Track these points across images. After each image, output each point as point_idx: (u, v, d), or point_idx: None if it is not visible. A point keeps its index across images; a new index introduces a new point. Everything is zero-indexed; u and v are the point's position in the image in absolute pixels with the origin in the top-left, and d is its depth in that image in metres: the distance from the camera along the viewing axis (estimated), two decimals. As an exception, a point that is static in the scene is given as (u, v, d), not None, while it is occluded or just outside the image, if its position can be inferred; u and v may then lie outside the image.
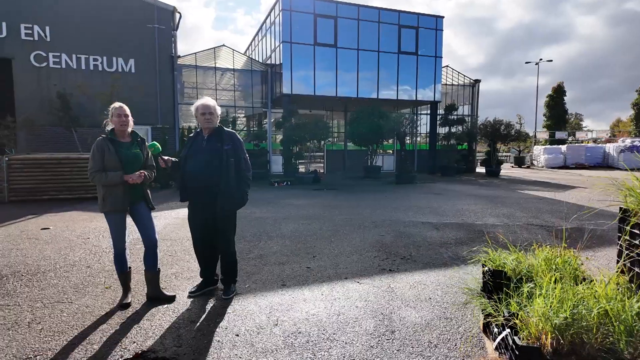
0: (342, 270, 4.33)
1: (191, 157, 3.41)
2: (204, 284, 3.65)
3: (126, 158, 3.25)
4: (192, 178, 3.39)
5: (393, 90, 17.85)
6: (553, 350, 1.74)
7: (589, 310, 1.76)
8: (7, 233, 6.00)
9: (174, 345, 2.69)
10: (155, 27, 15.26)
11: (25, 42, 13.94)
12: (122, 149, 3.27)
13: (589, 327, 1.75)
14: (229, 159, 3.34)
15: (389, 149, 21.74)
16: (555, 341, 1.75)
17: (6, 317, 3.08)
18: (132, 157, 3.30)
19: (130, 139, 3.39)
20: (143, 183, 3.34)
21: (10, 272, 4.16)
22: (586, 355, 1.71)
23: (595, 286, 1.94)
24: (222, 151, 3.34)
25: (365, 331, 2.90)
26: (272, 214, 7.63)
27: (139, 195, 3.36)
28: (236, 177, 3.39)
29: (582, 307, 1.79)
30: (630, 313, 1.73)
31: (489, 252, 2.90)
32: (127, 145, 3.34)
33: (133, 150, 3.34)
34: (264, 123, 18.41)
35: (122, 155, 3.23)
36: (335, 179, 16.11)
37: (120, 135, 3.33)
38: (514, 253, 2.71)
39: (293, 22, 15.58)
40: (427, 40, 17.97)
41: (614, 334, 1.72)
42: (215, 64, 16.70)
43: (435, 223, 6.94)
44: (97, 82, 14.15)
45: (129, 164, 3.25)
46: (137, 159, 3.34)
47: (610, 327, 1.74)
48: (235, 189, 3.39)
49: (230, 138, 3.44)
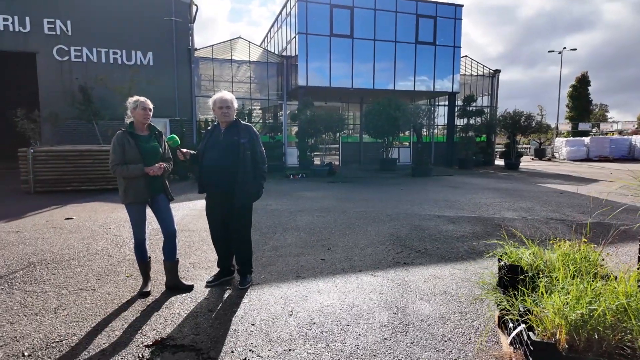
0: (357, 262, 4.35)
1: (209, 150, 3.46)
2: (221, 274, 3.72)
3: (145, 151, 3.31)
4: (209, 171, 3.43)
5: (410, 81, 17.59)
6: (569, 347, 1.72)
7: (607, 306, 1.73)
8: (33, 222, 6.23)
9: (191, 333, 2.77)
10: (172, 20, 15.39)
11: (48, 37, 14.27)
12: (141, 143, 3.33)
13: (607, 323, 1.72)
14: (245, 152, 3.39)
15: (405, 141, 21.50)
16: (570, 337, 1.73)
17: (34, 303, 3.23)
18: (151, 150, 3.36)
19: (148, 132, 3.46)
20: (162, 175, 3.41)
21: (37, 260, 4.34)
22: (603, 352, 1.68)
23: (614, 283, 1.90)
24: (239, 144, 3.38)
25: (379, 323, 2.92)
26: (287, 206, 7.69)
27: (158, 187, 3.42)
28: (252, 170, 3.45)
29: (600, 303, 1.76)
30: (650, 310, 1.69)
31: (505, 247, 2.86)
32: (146, 139, 3.40)
33: (151, 143, 3.40)
34: (279, 115, 18.45)
35: (142, 148, 3.30)
36: (351, 171, 16.07)
37: (140, 129, 3.39)
38: (532, 247, 2.67)
39: (309, 13, 15.47)
40: (445, 29, 17.59)
41: (633, 331, 1.69)
42: (231, 56, 16.77)
43: (452, 216, 6.87)
44: (116, 75, 14.40)
45: (148, 157, 3.31)
46: (156, 151, 3.40)
47: (629, 324, 1.71)
48: (252, 181, 3.45)
49: (247, 131, 3.48)
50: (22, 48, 14.17)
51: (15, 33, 13.98)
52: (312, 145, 15.12)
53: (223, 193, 3.45)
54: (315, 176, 13.68)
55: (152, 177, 3.33)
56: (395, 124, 15.24)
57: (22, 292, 3.46)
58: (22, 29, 14.02)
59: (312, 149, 15.22)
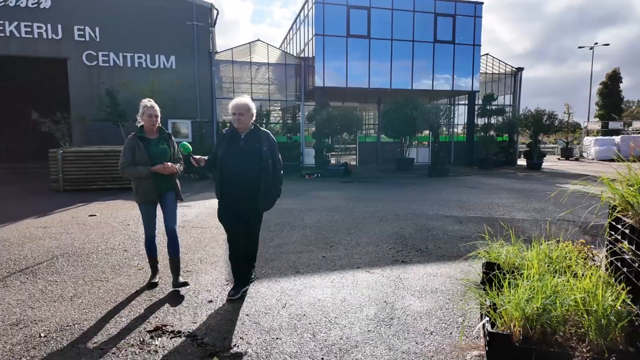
0: (356, 260, 4.49)
1: (229, 157, 3.35)
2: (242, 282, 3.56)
3: (154, 153, 3.49)
4: (231, 178, 3.34)
5: (428, 80, 17.47)
6: (523, 339, 1.82)
7: (560, 301, 1.81)
8: (60, 219, 6.68)
9: (190, 321, 2.99)
10: (194, 25, 15.89)
11: (78, 43, 15.05)
12: (150, 146, 3.52)
13: (559, 318, 1.80)
14: (267, 160, 3.34)
15: (424, 141, 21.34)
16: (526, 330, 1.82)
17: (53, 291, 3.54)
18: (160, 152, 3.54)
19: (157, 135, 3.63)
20: (172, 175, 3.57)
21: (60, 253, 4.70)
22: (557, 344, 1.77)
23: (576, 280, 1.97)
24: (262, 152, 3.32)
25: (365, 317, 3.06)
26: (298, 205, 7.89)
27: (168, 185, 3.59)
28: (272, 177, 3.42)
29: (554, 298, 1.84)
30: (601, 306, 1.76)
31: (491, 246, 2.95)
32: (155, 142, 3.58)
33: (160, 146, 3.58)
34: (297, 116, 18.71)
35: (151, 151, 3.49)
36: (367, 171, 16.13)
37: (149, 132, 3.58)
38: (515, 245, 2.75)
39: (326, 15, 15.64)
40: (465, 28, 17.36)
41: (584, 325, 1.76)
42: (250, 58, 17.15)
43: (460, 217, 6.88)
44: (141, 78, 15.01)
45: (157, 159, 3.49)
46: (165, 153, 3.57)
47: (582, 319, 1.78)
48: (273, 189, 3.45)
49: (267, 138, 3.42)
50: (55, 54, 15.01)
51: (49, 40, 14.83)
52: (328, 145, 15.28)
53: (243, 200, 3.36)
54: (330, 176, 13.84)
55: (162, 177, 3.50)
56: (412, 123, 15.20)
57: (44, 281, 3.80)
58: (54, 36, 14.85)
59: (329, 149, 15.38)
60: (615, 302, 1.76)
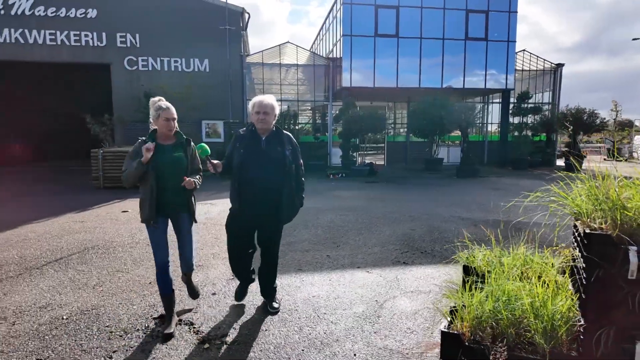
0: (358, 260, 4.64)
1: (249, 162, 3.00)
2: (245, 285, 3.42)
3: (164, 163, 2.88)
4: (252, 185, 3.01)
5: (459, 79, 17.11)
6: (474, 339, 1.92)
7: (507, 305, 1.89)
8: (96, 214, 7.30)
9: (192, 311, 3.29)
10: (226, 29, 16.51)
11: (120, 49, 16.10)
12: (162, 153, 2.90)
13: (509, 320, 1.88)
14: (291, 166, 3.08)
15: (456, 140, 20.89)
16: (476, 330, 1.92)
17: (80, 280, 3.98)
18: (171, 161, 2.92)
19: (174, 140, 3.02)
20: (187, 191, 2.94)
21: (91, 246, 5.20)
22: (504, 346, 1.86)
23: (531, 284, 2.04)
24: (285, 157, 3.04)
25: (353, 314, 3.23)
26: (316, 205, 8.10)
27: (181, 203, 2.98)
28: (296, 183, 3.16)
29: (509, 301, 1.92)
30: (549, 310, 1.82)
31: (475, 250, 3.01)
32: (169, 148, 2.96)
33: (175, 153, 2.96)
34: (325, 116, 18.94)
35: (162, 159, 2.88)
36: (394, 171, 16.07)
37: (164, 138, 2.98)
38: (495, 250, 2.81)
39: (354, 15, 15.72)
40: (498, 23, 16.82)
41: (531, 328, 1.84)
42: (280, 60, 17.56)
43: (477, 220, 6.82)
44: (176, 81, 15.84)
45: (169, 168, 2.89)
46: (179, 163, 2.94)
47: (530, 322, 1.86)
48: (297, 198, 3.20)
49: (289, 142, 3.15)
50: (100, 60, 16.15)
51: (94, 47, 15.97)
52: (354, 145, 15.38)
53: (264, 210, 3.06)
54: (355, 176, 13.94)
55: (171, 191, 2.91)
56: (439, 123, 14.98)
57: (74, 270, 4.26)
58: (99, 43, 15.97)
59: (355, 149, 15.48)
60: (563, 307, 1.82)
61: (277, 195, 3.04)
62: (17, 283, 3.87)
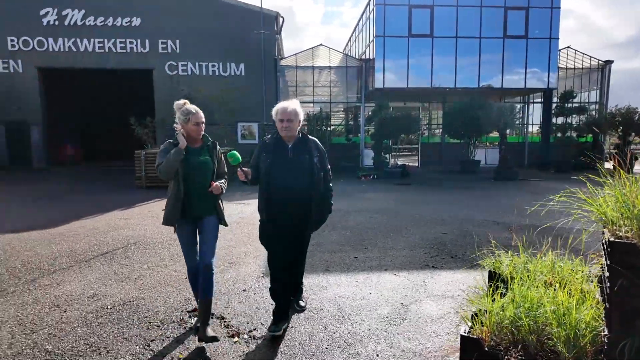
0: (386, 262, 4.66)
1: (276, 171, 2.94)
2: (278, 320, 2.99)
3: (193, 165, 2.88)
4: (279, 195, 2.94)
5: (497, 78, 16.57)
6: (494, 345, 1.92)
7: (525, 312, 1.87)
8: (139, 212, 7.75)
9: (223, 306, 3.47)
10: (261, 33, 16.92)
11: (162, 55, 16.92)
12: (190, 156, 2.89)
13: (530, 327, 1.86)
14: (319, 173, 3.01)
15: (494, 142, 20.22)
16: (496, 336, 1.92)
17: (122, 273, 4.27)
18: (199, 164, 2.91)
19: (200, 143, 3.01)
20: (214, 195, 2.93)
21: (133, 242, 5.55)
22: (525, 353, 1.84)
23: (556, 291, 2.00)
24: (313, 164, 2.97)
25: (378, 315, 3.27)
26: (345, 207, 8.16)
27: (208, 207, 2.96)
28: (324, 190, 3.10)
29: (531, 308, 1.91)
30: (573, 319, 1.79)
31: (502, 255, 2.98)
32: (196, 152, 2.96)
33: (202, 157, 2.95)
34: (358, 118, 18.94)
35: (190, 162, 2.87)
36: (428, 173, 15.80)
37: (192, 141, 2.95)
38: (522, 256, 2.77)
39: (387, 16, 15.64)
40: (539, 20, 16.13)
41: (553, 336, 1.81)
42: (313, 62, 17.76)
43: (512, 224, 6.61)
44: (214, 85, 16.45)
45: (197, 172, 2.89)
46: (205, 166, 2.94)
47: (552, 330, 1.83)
48: (325, 206, 3.15)
49: (316, 147, 3.07)
50: (143, 65, 17.05)
51: (138, 53, 16.88)
52: (386, 147, 15.29)
53: (294, 219, 3.01)
54: (387, 177, 13.85)
55: (199, 195, 2.89)
56: (476, 123, 14.58)
57: (118, 264, 4.58)
58: (143, 49, 16.87)
59: (387, 151, 15.39)
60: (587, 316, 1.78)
61: (306, 203, 2.98)
62: (69, 274, 4.22)
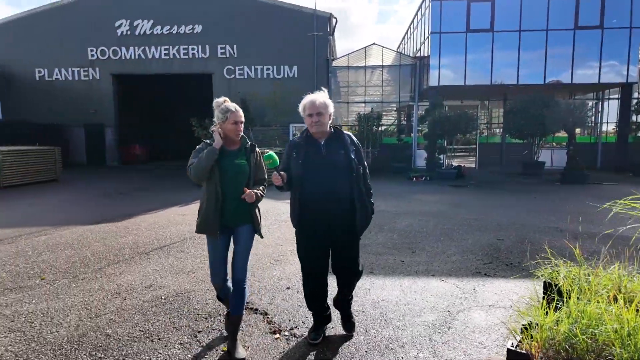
0: (434, 267, 4.49)
1: (309, 172, 2.69)
2: (322, 324, 2.97)
3: (229, 169, 2.67)
4: (315, 200, 2.68)
5: (566, 73, 15.30)
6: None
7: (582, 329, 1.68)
8: (195, 209, 8.04)
9: (267, 302, 3.55)
10: (314, 35, 17.13)
11: (221, 59, 17.78)
12: (226, 159, 2.68)
13: (587, 345, 1.67)
14: (358, 170, 2.74)
15: (563, 142, 18.68)
16: (548, 352, 1.75)
17: (177, 266, 4.54)
18: (235, 168, 2.69)
19: (238, 145, 2.78)
20: (251, 203, 2.68)
21: (189, 236, 5.88)
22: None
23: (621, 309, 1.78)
24: (351, 160, 2.71)
25: (422, 322, 3.16)
26: (394, 208, 7.99)
27: (243, 215, 2.73)
28: (365, 188, 2.82)
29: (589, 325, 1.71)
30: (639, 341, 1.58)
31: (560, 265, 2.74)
32: (233, 154, 2.72)
33: (238, 160, 2.72)
34: (411, 117, 18.48)
35: (225, 165, 2.66)
36: (486, 175, 14.99)
37: (230, 143, 2.75)
38: (582, 268, 2.53)
39: (443, 12, 15.10)
40: (617, 8, 14.63)
41: (615, 358, 1.61)
42: (365, 62, 17.63)
43: (578, 232, 6.06)
44: (268, 87, 16.94)
45: (232, 176, 2.67)
46: (241, 171, 2.71)
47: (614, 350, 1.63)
48: (368, 204, 2.84)
49: (352, 142, 2.82)
50: (204, 70, 18.03)
51: (199, 59, 17.89)
52: (440, 147, 14.75)
53: (334, 225, 2.73)
54: (440, 179, 13.35)
55: (233, 203, 2.67)
56: (541, 122, 13.56)
57: (173, 257, 4.87)
58: (203, 55, 17.84)
59: (441, 151, 14.84)
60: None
61: (347, 204, 2.70)
62: (130, 265, 4.57)
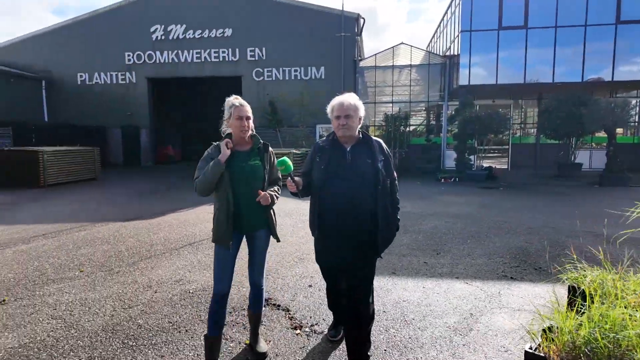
0: (459, 270, 4.43)
1: (331, 179, 2.50)
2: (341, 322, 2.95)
3: (241, 171, 2.51)
4: (336, 210, 2.48)
5: (607, 70, 14.52)
6: (563, 365, 1.72)
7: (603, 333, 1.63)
8: (224, 207, 8.42)
9: (289, 299, 3.64)
10: (342, 36, 17.16)
11: (250, 62, 18.14)
12: (236, 160, 2.51)
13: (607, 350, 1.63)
14: (385, 182, 2.51)
15: (602, 142, 17.77)
16: (567, 356, 1.72)
17: (205, 262, 4.72)
18: (249, 170, 2.53)
19: (250, 145, 2.63)
20: (266, 206, 2.54)
21: (216, 234, 6.07)
22: (602, 379, 1.63)
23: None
24: (378, 171, 2.47)
25: (443, 324, 3.14)
26: (420, 209, 7.90)
27: (259, 220, 2.60)
28: (391, 203, 2.57)
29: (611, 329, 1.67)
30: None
31: (583, 268, 2.66)
32: (245, 155, 2.57)
33: (251, 161, 2.56)
34: (440, 117, 18.15)
35: (236, 167, 2.50)
36: (519, 176, 14.50)
37: (240, 143, 2.58)
38: (610, 272, 2.45)
39: (474, 10, 14.72)
40: (664, 0, 13.76)
41: (637, 365, 1.56)
42: (393, 62, 17.48)
43: (614, 235, 5.78)
44: (296, 89, 17.14)
45: (245, 178, 2.51)
46: (254, 172, 2.54)
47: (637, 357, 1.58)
48: (393, 221, 2.60)
49: (381, 150, 2.57)
50: (233, 73, 18.45)
51: (229, 62, 18.32)
52: (470, 148, 14.40)
53: (354, 239, 2.49)
54: (470, 180, 13.04)
55: (248, 207, 2.52)
56: (579, 122, 12.98)
57: (202, 254, 5.06)
58: (233, 58, 18.26)
59: (471, 152, 14.49)
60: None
61: (369, 218, 2.46)
62: (161, 260, 4.79)
